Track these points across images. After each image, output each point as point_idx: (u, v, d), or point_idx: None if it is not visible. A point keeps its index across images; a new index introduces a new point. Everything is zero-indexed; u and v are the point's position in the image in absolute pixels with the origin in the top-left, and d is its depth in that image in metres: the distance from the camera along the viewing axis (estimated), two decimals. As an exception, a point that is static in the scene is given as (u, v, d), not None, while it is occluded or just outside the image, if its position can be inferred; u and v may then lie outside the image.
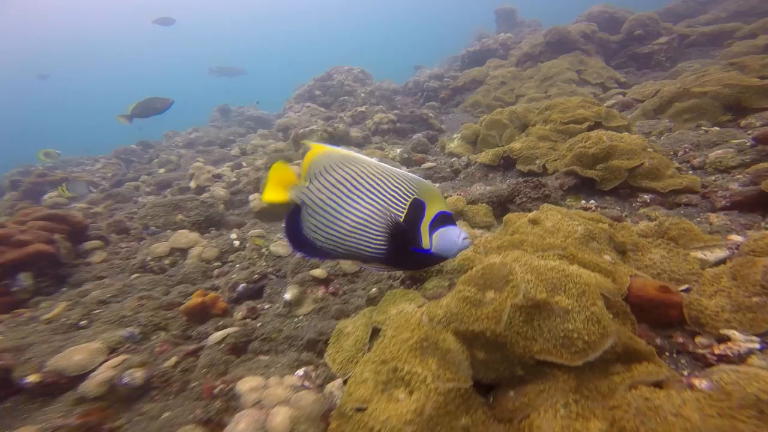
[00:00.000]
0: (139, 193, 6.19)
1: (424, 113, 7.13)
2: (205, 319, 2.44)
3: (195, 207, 3.85)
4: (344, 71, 10.85)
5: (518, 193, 2.48)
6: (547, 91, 6.75)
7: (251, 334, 2.25)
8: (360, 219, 1.20)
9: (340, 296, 2.42)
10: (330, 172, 1.23)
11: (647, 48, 6.74)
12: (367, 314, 1.78)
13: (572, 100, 3.31)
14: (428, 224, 1.20)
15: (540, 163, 2.87)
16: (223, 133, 10.16)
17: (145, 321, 2.35)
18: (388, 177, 1.21)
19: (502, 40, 10.10)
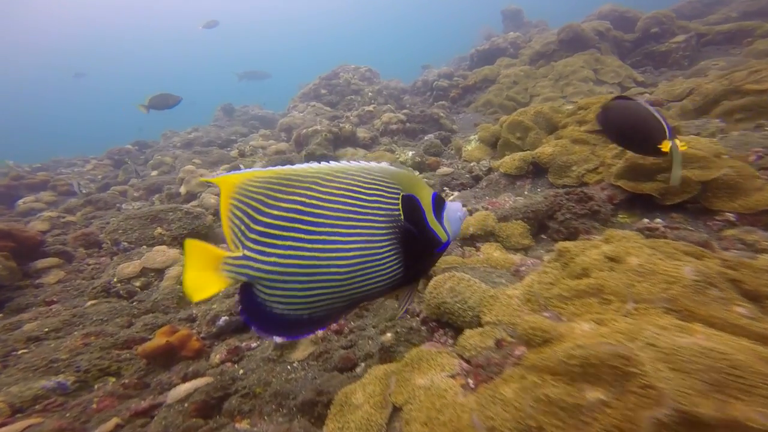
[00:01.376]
0: (125, 198, 5.72)
1: (435, 113, 6.68)
2: (172, 363, 1.95)
3: (177, 218, 3.36)
4: (351, 70, 10.49)
5: (559, 208, 1.99)
6: (563, 90, 6.30)
7: (229, 386, 1.75)
8: (354, 252, 0.90)
9: (345, 335, 1.93)
10: (271, 210, 0.89)
11: (664, 46, 6.30)
12: (382, 379, 1.28)
13: (610, 98, 2.82)
14: (432, 215, 1.02)
15: (578, 171, 2.38)
16: (225, 132, 9.73)
17: (86, 365, 1.84)
18: (358, 180, 0.93)
19: (512, 38, 9.70)
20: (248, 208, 0.89)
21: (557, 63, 6.90)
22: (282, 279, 0.89)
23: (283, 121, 8.16)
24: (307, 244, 0.88)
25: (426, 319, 1.68)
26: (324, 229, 0.89)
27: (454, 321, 1.42)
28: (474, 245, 2.10)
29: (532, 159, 2.73)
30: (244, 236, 0.90)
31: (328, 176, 0.92)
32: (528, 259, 1.72)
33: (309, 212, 0.89)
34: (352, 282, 0.92)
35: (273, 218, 0.89)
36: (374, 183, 0.95)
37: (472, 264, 1.75)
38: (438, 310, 1.49)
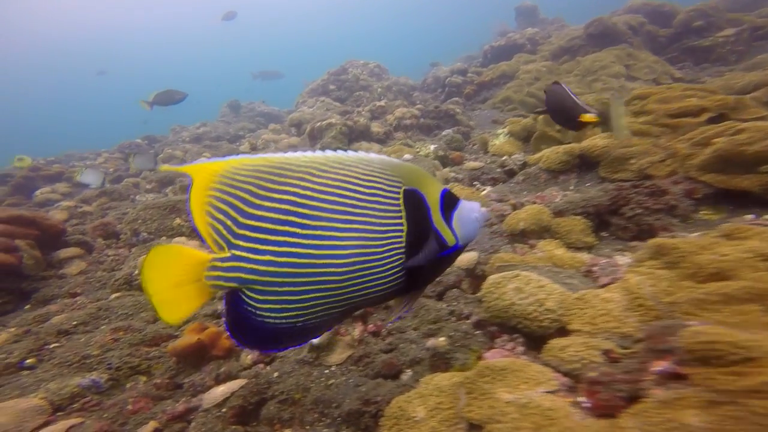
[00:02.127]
0: (138, 190, 5.64)
1: (451, 108, 6.52)
2: (202, 363, 1.82)
3: None
4: (359, 65, 10.47)
5: (626, 202, 1.83)
6: (590, 87, 6.08)
7: (265, 390, 1.62)
8: (352, 250, 0.80)
9: (383, 338, 1.78)
10: (263, 201, 0.78)
11: (708, 41, 6.02)
12: (449, 391, 1.14)
13: (675, 87, 2.65)
14: (439, 213, 0.91)
15: (639, 164, 2.21)
16: (233, 128, 9.75)
17: (117, 363, 1.73)
18: (356, 171, 0.83)
19: (530, 34, 9.50)
20: (236, 199, 0.78)
21: (584, 58, 6.68)
22: (277, 281, 0.78)
23: (293, 116, 8.14)
24: (303, 240, 0.78)
25: (482, 323, 1.53)
26: (320, 223, 0.79)
27: (526, 326, 1.27)
28: (526, 242, 1.95)
29: (579, 152, 2.57)
30: (231, 233, 0.78)
31: (323, 166, 0.82)
32: (599, 258, 1.57)
33: (303, 204, 0.79)
34: (349, 284, 0.81)
35: (266, 210, 0.78)
36: (373, 175, 0.85)
37: (532, 262, 1.60)
38: (503, 313, 1.35)
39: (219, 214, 0.78)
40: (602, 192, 2.00)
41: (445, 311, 1.78)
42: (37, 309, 2.31)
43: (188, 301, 0.78)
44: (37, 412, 1.38)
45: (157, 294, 0.77)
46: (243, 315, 0.80)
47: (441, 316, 1.75)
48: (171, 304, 0.77)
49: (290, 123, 8.10)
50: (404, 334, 1.75)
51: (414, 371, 1.51)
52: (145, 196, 5.30)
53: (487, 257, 1.90)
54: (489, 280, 1.52)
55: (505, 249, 1.94)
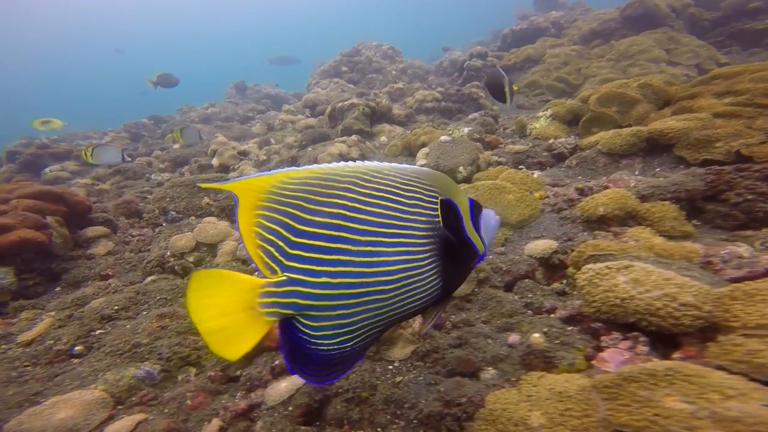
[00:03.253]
0: (151, 169, 5.46)
1: (474, 92, 6.26)
2: (255, 354, 1.68)
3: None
4: (372, 47, 10.18)
5: (730, 188, 1.64)
6: (625, 71, 5.81)
7: (328, 386, 1.48)
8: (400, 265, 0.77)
9: (449, 332, 1.63)
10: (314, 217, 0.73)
11: (762, 24, 5.68)
12: (577, 396, 0.98)
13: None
14: (470, 222, 0.91)
15: (728, 147, 2.01)
16: (242, 109, 9.54)
17: (168, 353, 1.59)
18: (396, 181, 0.81)
19: (555, 18, 9.13)
20: (286, 216, 0.72)
21: (618, 42, 6.37)
22: (332, 305, 0.74)
23: (308, 97, 7.92)
24: (355, 257, 0.74)
25: (576, 318, 1.37)
26: (369, 238, 0.75)
27: (651, 323, 1.10)
28: (605, 229, 1.77)
29: (647, 134, 2.36)
30: (284, 254, 0.72)
31: (365, 176, 0.78)
32: (714, 247, 1.39)
33: (353, 218, 0.75)
34: (395, 300, 0.78)
35: (317, 226, 0.73)
36: (412, 184, 0.82)
37: (633, 251, 1.43)
38: (615, 308, 1.18)
39: (269, 234, 0.72)
40: (691, 176, 1.81)
41: (519, 304, 1.62)
42: (69, 291, 2.16)
43: (241, 332, 0.70)
44: (101, 405, 1.27)
45: (203, 323, 0.70)
46: (298, 344, 0.75)
47: (516, 309, 1.59)
48: (222, 336, 0.70)
49: (304, 104, 7.90)
50: (473, 328, 1.59)
51: (498, 370, 1.35)
52: (160, 175, 5.12)
53: (564, 246, 1.73)
54: (586, 270, 1.36)
55: (583, 237, 1.77)
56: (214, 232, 2.61)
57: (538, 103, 6.00)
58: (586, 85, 5.78)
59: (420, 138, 3.95)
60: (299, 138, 5.21)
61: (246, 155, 4.93)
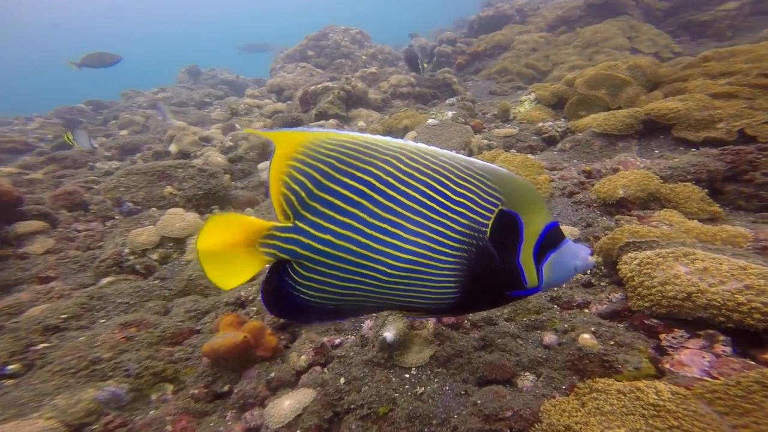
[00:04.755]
0: (95, 157, 4.77)
1: (447, 77, 6.15)
2: (246, 366, 1.41)
3: (190, 176, 2.67)
4: (340, 31, 9.81)
5: (754, 167, 1.61)
6: (591, 59, 5.95)
7: (337, 402, 1.26)
8: (411, 255, 0.74)
9: (468, 332, 1.46)
10: (343, 177, 0.73)
11: (707, 15, 6.03)
12: (671, 406, 0.84)
13: (765, 45, 2.44)
14: (533, 250, 0.78)
15: (729, 127, 2.00)
16: (197, 94, 8.82)
17: (137, 368, 1.28)
18: (450, 171, 0.74)
19: (520, 5, 9.23)
20: (315, 171, 0.73)
21: (583, 30, 6.52)
22: (327, 263, 0.75)
23: (273, 82, 7.48)
24: (367, 229, 0.73)
25: (623, 314, 1.25)
26: (388, 216, 0.73)
27: (731, 319, 0.98)
28: (626, 212, 1.69)
29: (645, 115, 2.33)
30: (302, 203, 0.74)
31: (414, 155, 0.75)
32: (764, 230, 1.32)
33: (380, 191, 0.73)
34: (394, 288, 0.76)
35: (342, 186, 0.73)
36: (468, 180, 0.75)
37: (675, 237, 1.33)
38: (681, 302, 1.06)
39: (295, 184, 0.73)
40: (709, 157, 1.76)
41: (544, 298, 1.49)
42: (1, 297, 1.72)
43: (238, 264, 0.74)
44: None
45: (205, 247, 0.73)
46: (280, 285, 0.77)
47: (542, 305, 1.46)
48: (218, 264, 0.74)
49: (269, 89, 7.43)
50: (497, 327, 1.44)
51: (540, 376, 1.20)
52: (106, 163, 4.48)
53: (585, 232, 1.62)
54: (628, 260, 1.24)
55: (603, 222, 1.67)
56: (182, 224, 2.25)
57: (510, 90, 6.01)
58: (555, 72, 5.86)
59: (402, 121, 3.74)
60: (268, 123, 4.79)
61: (209, 141, 4.44)
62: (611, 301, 1.31)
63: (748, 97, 2.10)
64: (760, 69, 2.21)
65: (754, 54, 2.39)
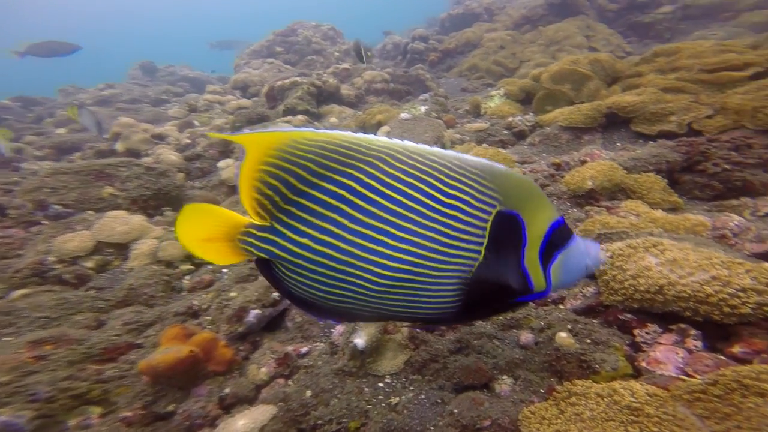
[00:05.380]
0: (23, 156, 4.29)
1: (421, 74, 6.15)
2: (195, 382, 1.24)
3: (135, 175, 2.41)
4: (311, 27, 9.61)
5: (706, 158, 1.63)
6: (554, 57, 6.12)
7: (302, 419, 1.13)
8: (400, 264, 0.68)
9: (444, 333, 1.37)
10: (320, 181, 0.68)
11: (649, 17, 6.39)
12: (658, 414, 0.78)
13: (703, 44, 2.54)
14: (538, 251, 0.72)
15: (680, 119, 2.05)
16: (153, 91, 8.27)
17: (49, 391, 1.08)
18: (440, 171, 0.68)
19: (487, 4, 9.42)
20: (290, 175, 0.68)
21: (546, 28, 6.71)
22: (308, 266, 0.71)
23: (237, 78, 7.22)
24: (349, 235, 0.68)
25: (596, 310, 1.20)
26: (373, 222, 0.68)
27: (699, 312, 0.95)
28: (595, 204, 1.66)
29: (606, 109, 2.35)
30: (276, 207, 0.70)
31: (399, 155, 0.69)
32: (726, 219, 1.32)
33: (363, 195, 0.68)
34: (385, 298, 0.71)
35: (321, 191, 0.68)
36: (461, 181, 0.68)
37: (644, 227, 1.30)
38: (653, 296, 1.02)
39: (268, 189, 0.69)
40: (667, 148, 1.78)
41: (520, 293, 1.43)
42: None
43: (224, 256, 0.74)
44: None
45: (188, 243, 0.73)
46: (275, 278, 0.75)
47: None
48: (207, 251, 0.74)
49: (234, 85, 7.12)
50: (472, 327, 1.35)
51: (518, 379, 1.12)
52: (36, 163, 4.03)
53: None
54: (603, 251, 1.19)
55: (574, 213, 1.63)
56: (124, 228, 2.01)
57: (480, 86, 6.06)
58: (522, 69, 5.96)
59: (375, 117, 3.63)
60: (231, 119, 4.51)
61: (163, 139, 4.11)
62: (585, 295, 1.26)
63: (694, 92, 2.17)
64: (701, 65, 2.30)
65: (694, 50, 2.48)
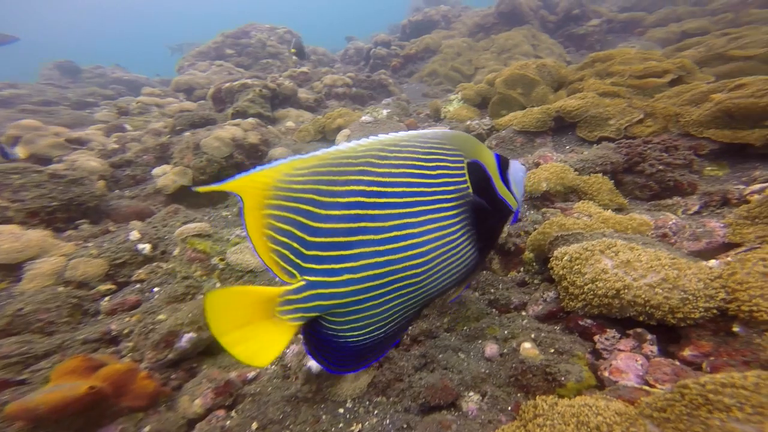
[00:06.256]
0: None
1: (384, 79, 6.13)
2: (100, 422, 1.02)
3: (35, 184, 2.09)
4: (265, 29, 9.32)
5: (643, 159, 1.68)
6: (506, 64, 6.36)
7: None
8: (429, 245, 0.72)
9: (409, 348, 1.27)
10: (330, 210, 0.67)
11: (582, 29, 6.89)
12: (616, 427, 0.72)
13: (630, 51, 2.68)
14: (500, 180, 0.87)
15: (618, 124, 2.13)
16: (75, 93, 7.44)
17: None
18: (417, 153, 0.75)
19: (444, 12, 9.71)
20: (298, 214, 0.66)
21: (498, 36, 6.98)
22: (359, 299, 0.69)
23: (180, 80, 6.76)
24: (380, 246, 0.69)
25: (558, 315, 1.15)
26: (393, 222, 0.70)
27: (653, 317, 0.92)
28: (550, 205, 1.65)
29: (555, 113, 2.41)
30: (301, 256, 0.67)
31: (382, 152, 0.72)
32: (665, 218, 1.33)
33: (373, 204, 0.69)
34: (429, 280, 0.75)
35: (334, 221, 0.67)
36: (434, 152, 0.77)
37: (598, 228, 1.29)
38: (611, 300, 0.98)
39: (282, 236, 0.66)
40: (611, 150, 1.82)
41: (483, 302, 1.36)
42: None
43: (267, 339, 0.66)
44: None
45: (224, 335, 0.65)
46: (324, 339, 0.72)
47: (481, 310, 1.32)
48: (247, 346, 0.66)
49: (176, 87, 6.65)
50: (437, 340, 1.27)
51: (484, 395, 1.04)
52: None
53: (516, 228, 1.54)
54: (560, 255, 1.15)
55: (532, 216, 1.61)
56: (14, 246, 1.72)
57: (440, 92, 6.15)
58: (478, 76, 6.13)
59: (336, 121, 3.49)
60: (170, 122, 4.14)
61: (84, 144, 3.64)
62: (546, 300, 1.21)
63: (627, 96, 2.28)
64: (631, 72, 2.44)
65: (623, 57, 2.64)
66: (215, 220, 2.49)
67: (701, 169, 1.72)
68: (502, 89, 3.11)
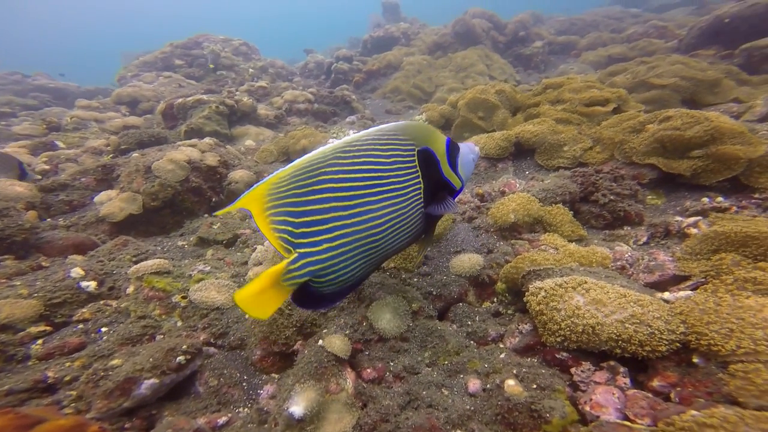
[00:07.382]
0: None
1: (346, 95, 6.10)
2: None
3: None
4: (219, 41, 8.98)
5: (596, 189, 1.81)
6: (463, 82, 6.64)
7: None
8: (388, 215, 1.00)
9: (391, 385, 1.24)
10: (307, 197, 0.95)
11: (528, 50, 7.43)
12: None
13: (577, 79, 2.91)
14: (447, 164, 1.10)
15: (572, 151, 2.30)
16: None
17: None
18: (375, 145, 0.99)
19: (404, 29, 9.96)
20: (286, 207, 0.93)
21: (455, 55, 7.27)
22: (335, 261, 0.97)
23: (123, 92, 6.27)
24: (347, 221, 0.96)
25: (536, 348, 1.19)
26: (356, 201, 0.95)
27: (626, 350, 0.98)
28: (518, 237, 1.72)
29: (515, 138, 2.54)
30: (293, 235, 0.94)
31: (346, 148, 0.96)
32: (621, 249, 1.43)
33: (340, 188, 0.95)
34: (385, 243, 1.02)
35: (311, 204, 0.94)
36: (389, 144, 0.99)
37: (566, 262, 1.36)
38: (587, 336, 1.03)
39: (280, 225, 0.94)
40: (566, 180, 1.95)
41: (462, 335, 1.38)
42: None
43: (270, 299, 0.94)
44: None
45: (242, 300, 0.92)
46: (307, 291, 0.99)
47: (461, 344, 1.33)
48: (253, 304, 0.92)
49: (117, 99, 6.16)
50: (420, 376, 1.25)
51: (472, 433, 1.04)
52: None
53: (489, 259, 1.58)
54: (536, 291, 1.19)
55: (502, 247, 1.66)
56: None
57: (403, 109, 6.26)
58: (438, 93, 6.34)
59: (300, 142, 3.40)
60: (114, 141, 3.79)
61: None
62: (522, 333, 1.25)
63: (578, 123, 2.48)
64: (580, 99, 2.67)
65: (571, 86, 2.88)
66: (171, 251, 2.30)
67: (644, 198, 1.90)
68: (464, 112, 3.23)
